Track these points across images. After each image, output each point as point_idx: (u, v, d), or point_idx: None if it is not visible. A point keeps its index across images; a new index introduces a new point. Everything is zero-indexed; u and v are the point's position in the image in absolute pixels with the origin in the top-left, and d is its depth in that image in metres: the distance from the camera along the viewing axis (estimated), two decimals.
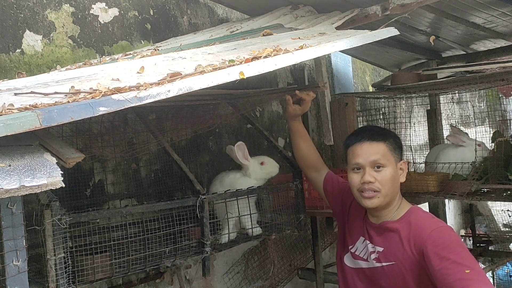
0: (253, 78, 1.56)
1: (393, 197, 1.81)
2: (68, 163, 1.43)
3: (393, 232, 1.77)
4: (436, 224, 1.72)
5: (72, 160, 1.44)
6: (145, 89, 1.35)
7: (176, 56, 1.97)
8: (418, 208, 1.86)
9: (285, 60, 1.67)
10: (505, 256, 4.13)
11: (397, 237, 1.75)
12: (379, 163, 1.78)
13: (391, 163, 1.79)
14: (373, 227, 1.85)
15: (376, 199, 1.78)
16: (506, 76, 2.73)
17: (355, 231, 1.93)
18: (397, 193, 1.84)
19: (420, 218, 1.77)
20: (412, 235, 1.71)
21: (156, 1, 2.89)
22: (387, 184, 1.77)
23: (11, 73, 2.18)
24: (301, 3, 2.84)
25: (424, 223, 1.73)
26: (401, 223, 1.77)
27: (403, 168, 1.85)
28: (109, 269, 1.87)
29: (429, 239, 1.65)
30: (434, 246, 1.62)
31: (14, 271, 1.31)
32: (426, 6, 2.56)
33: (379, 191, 1.77)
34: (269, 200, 2.64)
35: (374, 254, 1.80)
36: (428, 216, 1.80)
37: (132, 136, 2.60)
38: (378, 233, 1.82)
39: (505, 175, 2.76)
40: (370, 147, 1.80)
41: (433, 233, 1.66)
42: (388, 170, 1.78)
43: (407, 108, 4.07)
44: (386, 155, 1.79)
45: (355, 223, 1.95)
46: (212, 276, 2.98)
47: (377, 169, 1.78)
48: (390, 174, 1.78)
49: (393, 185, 1.79)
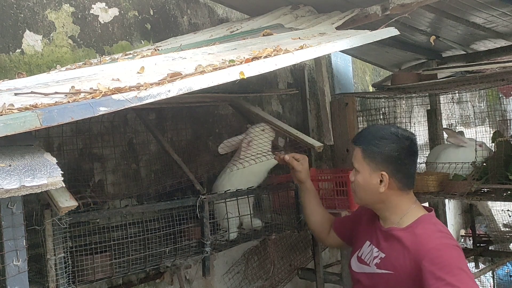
0: (253, 78, 1.56)
1: (376, 204, 1.79)
2: (61, 212, 1.48)
3: (397, 240, 1.72)
4: (438, 240, 1.64)
5: (64, 209, 1.48)
6: (145, 89, 1.35)
7: (176, 56, 1.97)
8: (429, 217, 1.76)
9: (285, 60, 1.67)
10: (505, 256, 4.13)
11: (400, 247, 1.69)
12: (354, 166, 1.81)
13: (364, 170, 1.77)
14: (381, 230, 1.81)
15: (355, 197, 1.86)
16: (506, 76, 2.73)
17: (362, 236, 1.91)
18: (382, 200, 1.77)
19: (426, 230, 1.68)
20: (413, 247, 1.64)
21: (156, 1, 2.89)
22: (359, 189, 1.80)
23: (11, 73, 2.18)
24: (301, 3, 2.84)
25: (427, 237, 1.65)
26: (406, 232, 1.71)
27: (383, 179, 1.74)
28: (109, 269, 1.87)
29: (427, 255, 1.59)
30: (431, 264, 1.56)
31: (14, 271, 1.31)
32: (426, 6, 2.56)
33: (355, 191, 1.84)
34: (269, 200, 2.64)
35: (376, 259, 1.77)
36: (435, 229, 1.70)
37: (132, 136, 2.60)
38: (384, 238, 1.78)
39: (505, 175, 2.76)
40: (354, 149, 1.84)
41: (433, 251, 1.59)
42: (360, 176, 1.79)
43: (407, 108, 4.07)
44: (359, 161, 1.79)
45: (364, 227, 1.93)
46: (212, 276, 2.97)
47: (355, 171, 1.81)
48: (360, 180, 1.79)
49: (366, 192, 1.78)
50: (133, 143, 2.62)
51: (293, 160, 2.14)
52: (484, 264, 4.37)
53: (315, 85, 3.64)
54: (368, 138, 1.80)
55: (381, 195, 1.77)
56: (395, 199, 1.78)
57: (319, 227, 2.19)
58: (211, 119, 3.00)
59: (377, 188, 1.76)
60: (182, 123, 2.82)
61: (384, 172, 1.74)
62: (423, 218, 1.75)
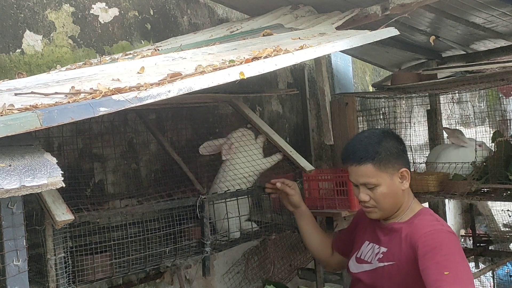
0: (253, 78, 1.56)
1: (396, 206, 1.79)
2: (57, 225, 1.54)
3: (396, 232, 1.76)
4: (434, 226, 1.69)
5: (61, 223, 1.54)
6: (146, 90, 1.35)
7: (176, 56, 1.97)
8: (427, 210, 1.83)
9: (285, 60, 1.67)
10: (505, 256, 4.12)
11: (398, 237, 1.74)
12: (370, 184, 1.75)
13: (384, 179, 1.75)
14: (381, 228, 1.84)
15: (375, 214, 1.81)
16: (506, 76, 2.73)
17: (360, 238, 1.92)
18: (401, 201, 1.80)
19: (423, 219, 1.74)
20: (409, 235, 1.70)
21: (156, 1, 2.89)
22: (382, 201, 1.76)
23: (11, 73, 2.18)
24: (301, 3, 2.84)
25: (422, 224, 1.71)
26: (406, 223, 1.76)
27: (404, 175, 1.78)
28: (109, 269, 1.87)
29: (420, 239, 1.64)
30: (423, 246, 1.61)
31: (15, 271, 1.31)
32: (426, 6, 2.56)
33: (376, 206, 1.78)
34: (269, 200, 2.64)
35: (379, 255, 1.79)
36: (431, 218, 1.77)
37: (132, 136, 2.60)
38: (385, 233, 1.81)
39: (505, 175, 2.76)
40: (358, 170, 1.77)
41: (427, 234, 1.65)
42: (380, 188, 1.75)
43: (407, 108, 4.07)
44: (375, 174, 1.74)
45: (361, 231, 1.94)
46: (212, 276, 2.97)
47: (370, 188, 1.77)
48: (383, 191, 1.75)
49: (390, 198, 1.77)
50: (133, 143, 2.62)
51: (285, 186, 2.14)
52: (484, 264, 4.37)
53: (315, 85, 3.64)
54: (369, 149, 1.76)
55: (404, 192, 1.80)
56: (405, 192, 1.81)
57: (321, 250, 2.17)
58: (211, 119, 3.00)
59: (400, 188, 1.78)
60: (182, 123, 2.82)
61: (403, 168, 1.78)
62: (422, 211, 1.81)
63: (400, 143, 1.83)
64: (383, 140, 1.78)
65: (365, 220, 1.93)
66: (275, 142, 2.58)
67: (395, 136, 1.86)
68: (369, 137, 1.81)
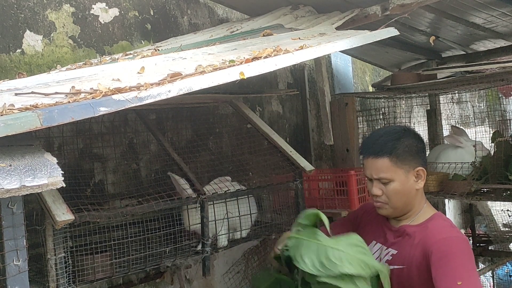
0: (253, 78, 1.56)
1: (408, 205, 1.78)
2: (57, 225, 1.55)
3: (409, 236, 1.74)
4: (448, 233, 1.67)
5: (61, 223, 1.55)
6: (146, 89, 1.35)
7: (176, 56, 1.97)
8: (440, 214, 1.82)
9: (285, 60, 1.67)
10: (505, 256, 4.13)
11: (411, 241, 1.72)
12: (384, 178, 1.74)
13: (399, 176, 1.73)
14: (392, 230, 1.82)
15: (385, 210, 1.79)
16: (506, 76, 2.74)
17: (368, 236, 1.88)
18: (414, 201, 1.78)
19: (437, 224, 1.72)
20: (423, 240, 1.67)
21: (156, 1, 2.89)
22: (394, 197, 1.75)
23: (12, 73, 2.18)
24: (301, 3, 2.84)
25: (437, 230, 1.69)
26: (419, 227, 1.74)
27: (420, 174, 1.77)
28: (109, 269, 1.87)
29: (435, 244, 1.62)
30: (437, 252, 1.60)
31: (15, 270, 1.32)
32: (426, 6, 2.56)
33: (387, 203, 1.77)
34: (269, 200, 2.64)
35: (387, 256, 1.77)
36: (446, 224, 1.74)
37: (133, 136, 2.60)
38: (395, 236, 1.79)
39: (505, 175, 2.76)
40: (374, 162, 1.76)
41: (441, 241, 1.63)
42: (394, 184, 1.73)
43: (407, 108, 4.08)
44: (390, 169, 1.73)
45: (368, 227, 1.92)
46: (212, 276, 2.97)
47: (384, 182, 1.75)
48: (396, 187, 1.74)
49: (403, 196, 1.75)
50: (134, 143, 2.62)
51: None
52: (484, 264, 4.37)
53: (315, 85, 3.64)
54: (388, 144, 1.75)
55: (417, 192, 1.78)
56: (419, 192, 1.80)
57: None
58: (211, 119, 3.01)
59: (414, 187, 1.77)
60: (182, 123, 2.83)
61: (419, 167, 1.76)
62: (435, 215, 1.78)
63: (419, 142, 1.82)
64: (403, 136, 1.78)
65: (371, 216, 1.92)
66: (275, 142, 2.58)
67: (416, 134, 1.85)
68: (389, 132, 1.81)
